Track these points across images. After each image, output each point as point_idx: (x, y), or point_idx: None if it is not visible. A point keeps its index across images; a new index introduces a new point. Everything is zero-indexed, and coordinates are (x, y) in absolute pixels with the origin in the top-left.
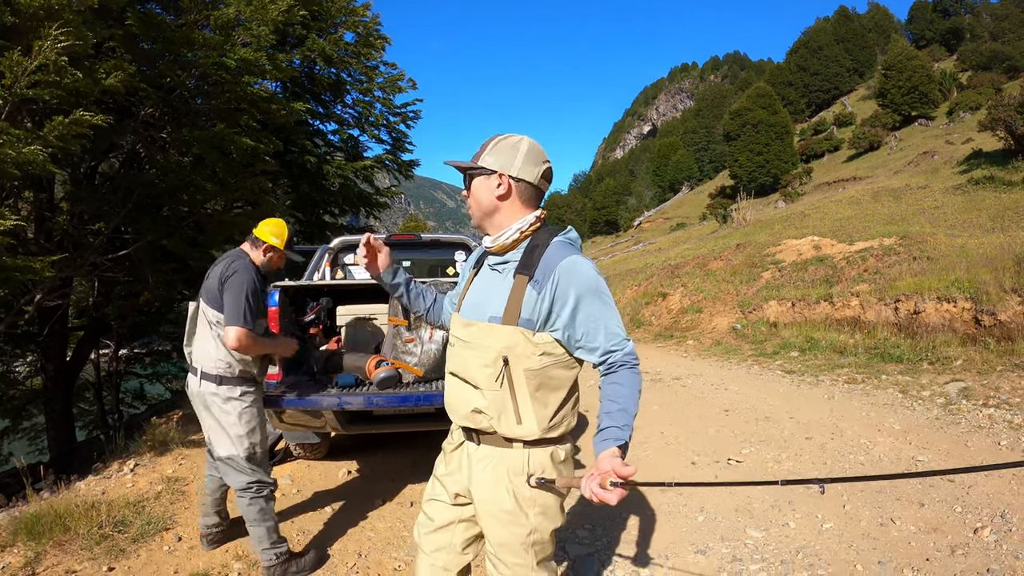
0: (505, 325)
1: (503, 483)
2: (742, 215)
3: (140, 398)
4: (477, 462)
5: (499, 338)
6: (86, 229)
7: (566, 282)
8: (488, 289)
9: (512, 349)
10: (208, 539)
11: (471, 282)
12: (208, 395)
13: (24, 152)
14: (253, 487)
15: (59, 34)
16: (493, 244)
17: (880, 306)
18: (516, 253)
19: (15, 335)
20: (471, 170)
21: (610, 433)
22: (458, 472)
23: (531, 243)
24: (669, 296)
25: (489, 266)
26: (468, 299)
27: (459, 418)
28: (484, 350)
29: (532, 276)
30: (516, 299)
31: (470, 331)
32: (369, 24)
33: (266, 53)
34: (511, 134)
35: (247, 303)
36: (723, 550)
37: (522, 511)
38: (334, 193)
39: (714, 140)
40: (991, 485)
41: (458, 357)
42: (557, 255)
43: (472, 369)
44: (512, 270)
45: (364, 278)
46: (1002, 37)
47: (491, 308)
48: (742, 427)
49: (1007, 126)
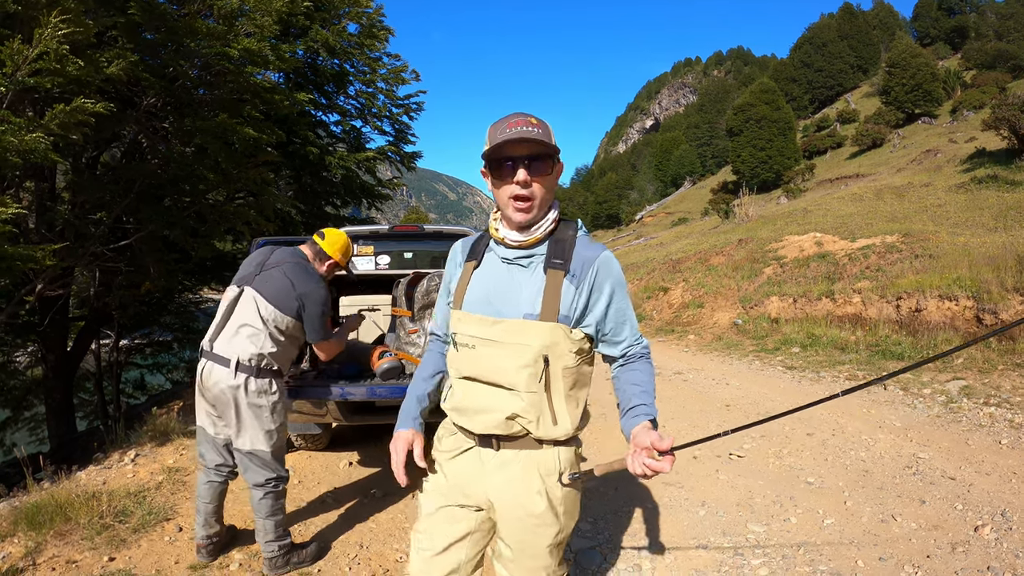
0: (544, 322)
1: (535, 486)
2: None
3: (141, 388)
4: (497, 468)
5: (539, 336)
6: (87, 219)
7: (603, 276)
8: (508, 284)
9: (553, 347)
10: (207, 550)
11: (470, 276)
12: (242, 388)
13: (26, 140)
14: (272, 481)
15: (60, 22)
16: (529, 237)
17: (882, 303)
18: (541, 247)
19: (16, 325)
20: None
21: (640, 410)
22: (467, 482)
23: (555, 236)
24: (670, 291)
25: (504, 259)
26: (474, 295)
27: (485, 426)
28: (522, 349)
29: (568, 271)
30: (553, 294)
31: (499, 329)
32: (372, 15)
33: (269, 43)
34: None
35: (326, 318)
36: (725, 544)
37: (553, 513)
38: (336, 184)
39: (717, 135)
40: (992, 484)
41: (483, 359)
42: (590, 249)
43: (508, 371)
44: (540, 264)
45: (367, 269)
46: (1007, 36)
47: (524, 304)
48: (743, 422)
49: (1011, 125)
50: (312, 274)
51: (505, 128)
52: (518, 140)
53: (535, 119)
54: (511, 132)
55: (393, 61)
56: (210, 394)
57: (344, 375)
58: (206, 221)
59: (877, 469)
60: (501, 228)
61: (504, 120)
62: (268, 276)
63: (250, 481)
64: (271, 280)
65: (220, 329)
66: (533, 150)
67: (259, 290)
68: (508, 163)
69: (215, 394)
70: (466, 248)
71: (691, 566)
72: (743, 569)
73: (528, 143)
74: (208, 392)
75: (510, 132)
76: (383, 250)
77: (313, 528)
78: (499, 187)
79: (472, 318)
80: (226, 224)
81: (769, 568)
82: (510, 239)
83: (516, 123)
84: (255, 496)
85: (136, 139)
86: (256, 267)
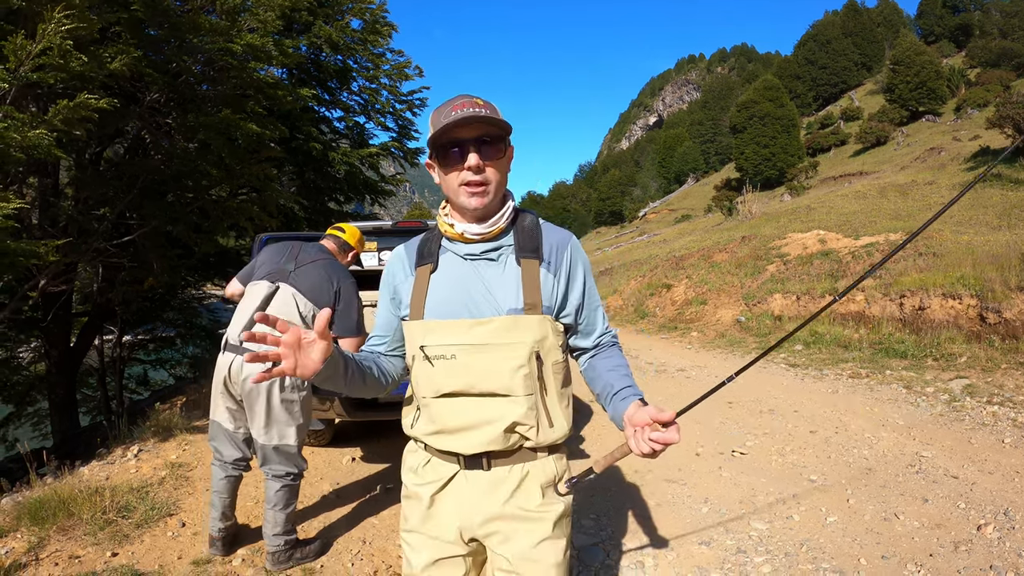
0: (531, 315)
1: (535, 501)
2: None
3: (144, 384)
4: (490, 489)
5: (530, 331)
6: (91, 215)
7: (575, 262)
8: (479, 282)
9: (543, 342)
10: (223, 542)
11: (428, 281)
12: (277, 382)
13: (29, 136)
14: (292, 475)
15: (63, 17)
16: (490, 228)
17: (885, 301)
18: (506, 236)
19: (19, 321)
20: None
21: (627, 392)
22: (457, 515)
23: (518, 225)
24: (673, 287)
25: (467, 256)
26: (438, 300)
27: (479, 444)
28: (514, 348)
29: (542, 258)
30: (533, 285)
31: (485, 330)
32: (376, 11)
33: (272, 39)
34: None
35: (359, 314)
36: (727, 542)
37: (558, 527)
38: (339, 180)
39: (720, 132)
40: (995, 482)
41: (470, 367)
42: (558, 234)
43: (501, 376)
44: (511, 255)
45: (370, 265)
46: (1011, 34)
47: (504, 300)
48: (746, 419)
49: (1015, 124)
50: (344, 268)
51: (450, 111)
52: (465, 121)
53: (481, 100)
54: (457, 114)
55: (396, 57)
56: (240, 388)
57: None
58: (209, 217)
59: (880, 467)
60: (456, 223)
61: (448, 104)
62: (304, 272)
63: (270, 474)
64: (308, 276)
65: (252, 324)
66: (482, 131)
67: (296, 286)
68: (455, 148)
69: (248, 388)
70: (411, 253)
71: (693, 563)
72: (746, 566)
73: (477, 123)
74: (237, 386)
75: (456, 114)
76: (387, 246)
77: (316, 524)
78: (448, 175)
79: (446, 325)
80: (229, 220)
81: (772, 566)
82: (470, 232)
83: (461, 105)
84: (272, 488)
85: (139, 135)
86: (287, 262)
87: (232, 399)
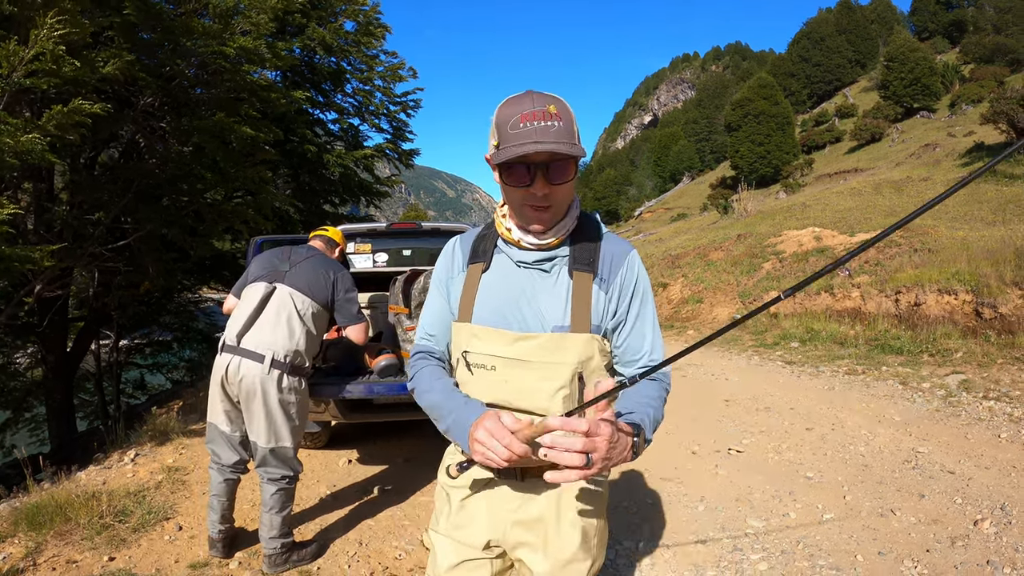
0: (577, 334)
1: (567, 518)
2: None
3: (141, 388)
4: (522, 503)
5: (575, 351)
6: (86, 219)
7: (632, 279)
8: (529, 292)
9: (587, 363)
10: (223, 544)
11: (479, 282)
12: (275, 383)
13: (22, 141)
14: (287, 479)
15: (55, 22)
16: (548, 240)
17: (881, 298)
18: (563, 247)
19: (15, 326)
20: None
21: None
22: (486, 522)
23: (577, 234)
24: (670, 286)
25: (520, 263)
26: (487, 305)
27: None
28: (555, 369)
29: (596, 273)
30: (583, 302)
31: (528, 346)
32: (369, 12)
33: (265, 41)
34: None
35: (355, 302)
36: (724, 539)
37: (587, 545)
38: (334, 182)
39: (715, 130)
40: (991, 478)
41: (508, 382)
42: (618, 248)
43: (540, 396)
44: (564, 267)
45: (365, 267)
46: (1005, 30)
47: (551, 316)
48: (742, 417)
49: (1009, 119)
50: (334, 263)
51: (518, 122)
52: (537, 152)
53: (554, 107)
54: (526, 130)
55: (390, 59)
56: (237, 389)
57: (342, 373)
58: (204, 220)
59: (876, 463)
60: (514, 229)
61: (516, 106)
62: (299, 270)
63: (266, 476)
64: (303, 272)
65: (250, 324)
66: (554, 154)
67: (293, 285)
68: (523, 167)
69: (245, 389)
70: (467, 248)
71: (690, 561)
72: (742, 564)
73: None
74: (234, 387)
75: (524, 129)
76: (381, 248)
77: (313, 526)
78: (511, 187)
79: (490, 333)
80: (224, 223)
81: (768, 563)
82: (527, 241)
83: (532, 116)
84: (268, 491)
85: (134, 139)
86: (281, 263)
87: (229, 401)
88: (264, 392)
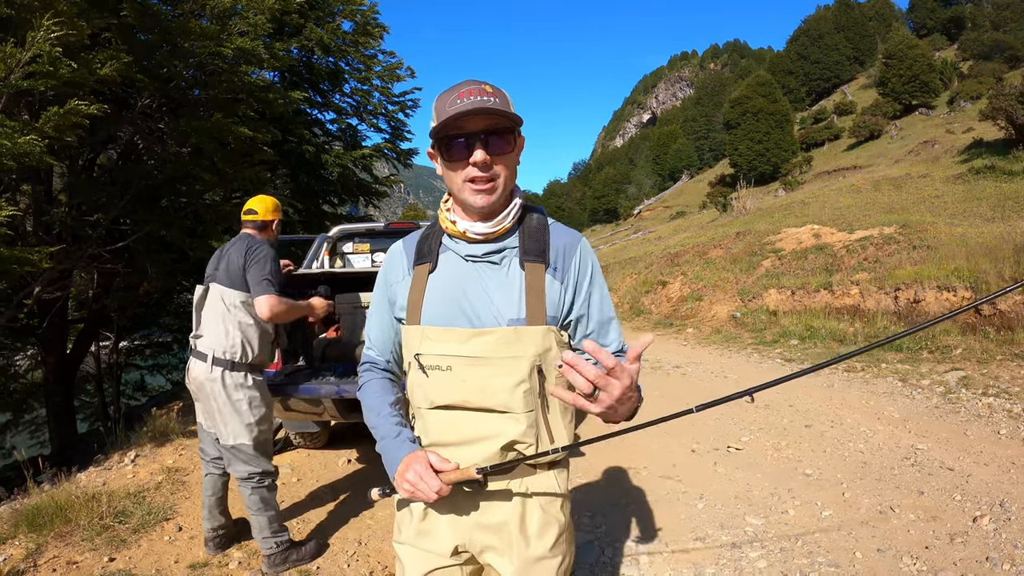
0: (534, 327)
1: (535, 518)
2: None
3: (141, 389)
4: (488, 504)
5: (532, 344)
6: (85, 221)
7: (585, 267)
8: (480, 287)
9: (546, 356)
10: (215, 543)
11: (426, 283)
12: (219, 381)
13: (20, 143)
14: (256, 476)
15: (52, 25)
16: (495, 228)
17: (880, 295)
18: (511, 238)
19: (15, 328)
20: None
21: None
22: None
23: (524, 224)
24: (669, 284)
25: (468, 257)
26: (436, 304)
27: (474, 461)
28: (513, 363)
29: (548, 263)
30: (537, 293)
31: (483, 342)
32: (367, 12)
33: (263, 42)
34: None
35: (271, 273)
36: (723, 537)
37: (558, 545)
38: (333, 182)
39: (714, 129)
40: (990, 474)
41: (466, 381)
42: (567, 235)
43: (500, 392)
44: (514, 258)
45: (363, 267)
46: (1003, 26)
47: (505, 309)
48: (741, 415)
49: (1008, 116)
50: (255, 243)
51: (455, 99)
52: (472, 112)
53: (490, 87)
54: (463, 103)
55: (388, 58)
56: (195, 388)
57: (339, 372)
58: (203, 221)
59: (875, 460)
60: (459, 220)
61: (453, 90)
62: (223, 265)
63: (235, 476)
64: (225, 266)
65: (196, 326)
66: (491, 123)
67: (219, 281)
68: (460, 140)
69: (196, 388)
70: (410, 250)
71: (689, 559)
72: (741, 562)
73: (484, 115)
74: (192, 387)
75: (462, 103)
76: (380, 248)
77: (312, 525)
78: (451, 169)
79: (443, 333)
80: (223, 224)
81: (767, 560)
82: (473, 232)
83: (468, 92)
84: (244, 492)
85: (132, 140)
86: (217, 262)
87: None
88: (211, 390)
